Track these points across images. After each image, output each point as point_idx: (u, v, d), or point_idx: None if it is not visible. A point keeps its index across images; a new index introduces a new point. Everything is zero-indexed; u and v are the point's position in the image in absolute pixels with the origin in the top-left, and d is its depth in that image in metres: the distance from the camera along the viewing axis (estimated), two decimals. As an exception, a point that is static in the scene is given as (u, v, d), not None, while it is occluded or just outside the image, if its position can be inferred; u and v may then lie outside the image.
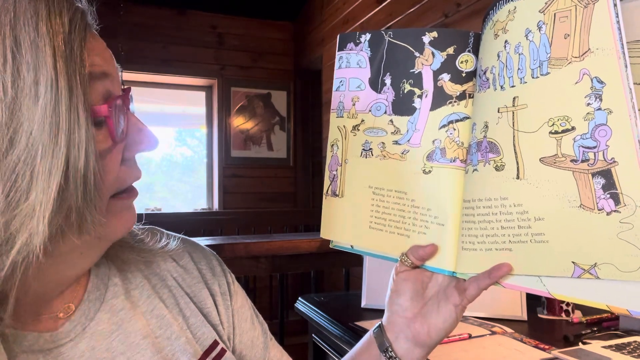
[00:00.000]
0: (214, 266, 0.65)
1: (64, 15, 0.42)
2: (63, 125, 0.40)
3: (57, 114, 0.40)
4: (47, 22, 0.40)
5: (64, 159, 0.40)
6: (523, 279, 0.51)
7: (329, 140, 0.68)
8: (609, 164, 0.43)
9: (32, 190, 0.39)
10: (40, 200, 0.40)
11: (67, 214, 0.42)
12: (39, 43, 0.40)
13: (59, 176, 0.40)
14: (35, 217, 0.40)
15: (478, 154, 0.54)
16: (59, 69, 0.40)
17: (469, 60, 0.59)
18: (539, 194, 0.48)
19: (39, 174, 0.39)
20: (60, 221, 0.41)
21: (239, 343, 0.64)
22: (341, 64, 0.67)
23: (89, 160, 0.42)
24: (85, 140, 0.41)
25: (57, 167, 0.40)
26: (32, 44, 0.39)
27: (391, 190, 0.62)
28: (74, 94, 0.41)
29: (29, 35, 0.39)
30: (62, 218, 0.42)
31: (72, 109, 0.41)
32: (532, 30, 0.49)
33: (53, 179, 0.40)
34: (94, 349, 0.51)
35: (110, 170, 0.46)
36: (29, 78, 0.39)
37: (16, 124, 0.39)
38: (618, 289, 0.44)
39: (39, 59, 0.40)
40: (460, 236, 0.56)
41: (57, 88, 0.40)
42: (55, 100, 0.40)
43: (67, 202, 0.41)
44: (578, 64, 0.45)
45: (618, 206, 0.43)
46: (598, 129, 0.44)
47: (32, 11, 0.40)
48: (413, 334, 0.60)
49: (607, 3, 0.43)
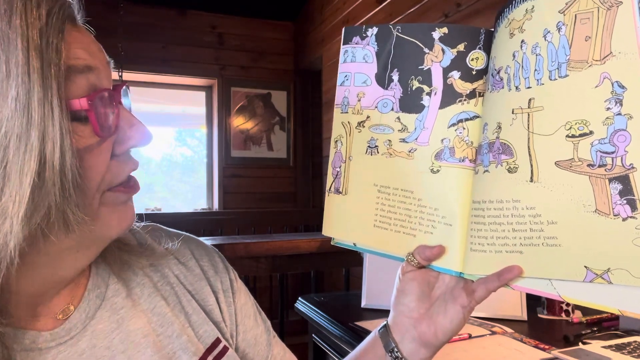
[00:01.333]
0: (216, 263, 0.64)
1: (42, 7, 0.41)
2: (35, 119, 0.39)
3: (28, 109, 0.38)
4: (22, 15, 0.39)
5: (37, 154, 0.39)
6: (533, 281, 0.50)
7: (333, 136, 0.67)
8: (627, 170, 0.43)
9: (5, 188, 0.38)
10: (14, 199, 0.38)
11: (46, 213, 0.40)
12: (10, 36, 0.39)
13: (32, 173, 0.38)
14: (8, 216, 0.38)
15: (490, 154, 0.54)
16: (32, 62, 0.39)
17: (479, 58, 0.57)
18: (553, 198, 0.47)
19: (11, 171, 0.38)
20: (38, 220, 0.40)
21: (242, 340, 0.63)
22: (346, 58, 0.65)
23: (65, 156, 0.40)
24: (59, 135, 0.40)
25: (29, 164, 0.38)
26: (3, 37, 0.38)
27: (397, 189, 0.61)
28: (48, 88, 0.40)
29: (0, 29, 0.39)
30: (41, 217, 0.40)
31: (45, 103, 0.39)
32: (551, 31, 0.48)
33: (26, 176, 0.38)
34: (95, 347, 0.50)
35: (95, 166, 0.45)
36: (0, 72, 0.38)
37: None
38: (631, 294, 0.43)
39: (9, 52, 0.38)
40: (469, 237, 0.56)
41: (29, 82, 0.39)
42: (26, 94, 0.38)
43: (44, 200, 0.40)
44: (599, 67, 0.44)
45: (634, 212, 0.42)
46: (617, 134, 0.43)
47: (6, 5, 0.39)
48: (419, 334, 0.60)
49: (632, 6, 0.42)
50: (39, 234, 0.41)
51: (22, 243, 0.40)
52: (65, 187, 0.41)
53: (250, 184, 4.22)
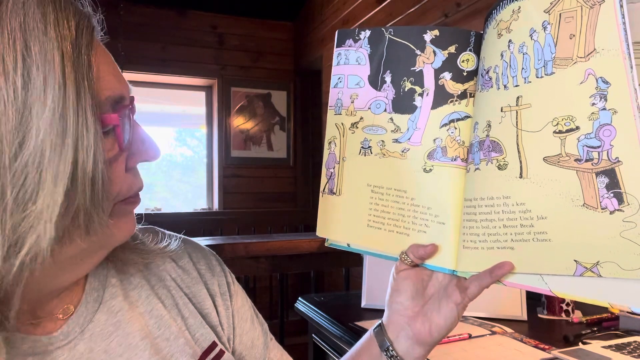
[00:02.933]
0: (213, 266, 0.64)
1: (71, 20, 0.42)
2: (71, 128, 0.40)
3: (64, 118, 0.40)
4: (55, 27, 0.41)
5: (71, 161, 0.41)
6: (525, 277, 0.51)
7: (327, 138, 0.68)
8: (613, 164, 0.43)
9: (40, 192, 0.40)
10: (48, 203, 0.40)
11: (74, 216, 0.42)
12: (47, 47, 0.40)
13: (66, 179, 0.40)
14: (43, 219, 0.40)
15: (480, 152, 0.54)
16: (67, 73, 0.41)
17: (470, 60, 0.59)
18: (542, 193, 0.48)
19: (46, 177, 0.40)
20: (67, 223, 0.42)
21: (239, 344, 0.64)
22: (339, 60, 0.66)
23: (97, 163, 0.42)
24: (93, 143, 0.42)
25: (64, 170, 0.40)
26: (41, 48, 0.40)
27: (390, 189, 0.61)
28: (82, 98, 0.41)
29: (38, 39, 0.40)
30: (70, 220, 0.42)
31: (79, 112, 0.41)
32: (537, 30, 0.49)
33: (60, 181, 0.40)
34: (92, 351, 0.51)
35: (116, 178, 0.47)
36: (39, 82, 0.39)
37: (25, 128, 0.39)
38: (620, 287, 0.44)
39: (47, 63, 0.40)
40: (461, 235, 0.56)
41: (65, 92, 0.40)
42: (63, 103, 0.40)
43: (74, 204, 0.42)
44: (583, 64, 0.45)
45: (621, 205, 0.43)
46: (602, 128, 0.44)
47: (40, 15, 0.40)
48: (414, 333, 0.60)
49: (613, 4, 0.43)
50: (65, 236, 0.43)
51: (53, 244, 0.41)
52: (95, 192, 0.43)
53: (250, 184, 4.22)
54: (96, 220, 0.44)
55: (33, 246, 0.40)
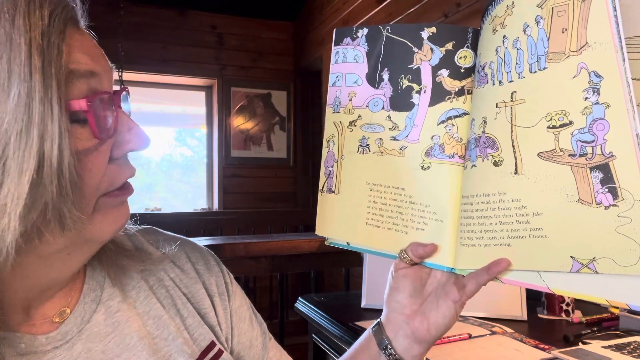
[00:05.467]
0: (211, 266, 0.64)
1: (45, 8, 0.41)
2: (35, 118, 0.39)
3: (29, 107, 0.39)
4: (25, 16, 0.40)
5: (36, 152, 0.39)
6: (522, 274, 0.51)
7: (325, 136, 0.68)
8: (607, 158, 0.43)
9: (4, 184, 0.39)
10: (12, 195, 0.39)
11: (42, 210, 0.41)
12: (13, 36, 0.39)
13: (31, 170, 0.39)
14: (6, 212, 0.39)
15: (477, 149, 0.54)
16: (34, 62, 0.40)
17: (467, 56, 0.59)
18: (537, 189, 0.48)
19: (10, 168, 0.39)
20: (34, 217, 0.40)
21: (237, 344, 0.64)
22: (337, 59, 0.67)
23: (64, 154, 0.41)
24: (58, 134, 0.40)
25: (29, 161, 0.39)
26: (6, 36, 0.39)
27: (389, 187, 0.61)
28: (49, 87, 0.40)
29: (4, 28, 0.39)
30: (37, 214, 0.41)
31: (45, 102, 0.40)
32: (530, 25, 0.49)
33: (25, 173, 0.39)
34: (90, 351, 0.50)
35: (93, 169, 0.45)
36: (2, 71, 0.39)
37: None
38: (617, 283, 0.44)
39: (12, 52, 0.39)
40: (459, 232, 0.56)
41: (31, 80, 0.39)
42: (27, 93, 0.39)
43: (42, 197, 0.40)
44: (576, 58, 0.45)
45: (616, 200, 0.43)
46: (596, 123, 0.44)
47: (10, 5, 0.40)
48: (412, 331, 0.60)
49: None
50: (34, 231, 0.42)
51: (19, 239, 0.40)
52: (63, 186, 0.41)
53: (250, 184, 4.22)
54: (67, 215, 0.42)
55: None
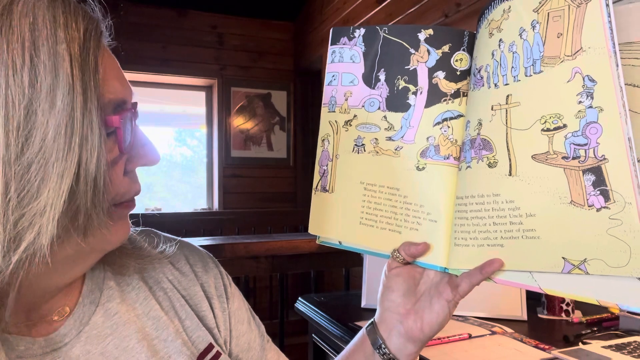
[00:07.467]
0: (210, 268, 0.64)
1: (80, 23, 0.43)
2: (77, 129, 0.41)
3: (72, 119, 0.41)
4: (65, 29, 0.42)
5: (76, 162, 0.41)
6: (514, 274, 0.51)
7: (320, 135, 0.68)
8: (599, 161, 0.44)
9: (44, 190, 0.40)
10: (52, 201, 0.40)
11: (74, 216, 0.43)
12: (57, 48, 0.41)
13: (70, 178, 0.41)
14: (45, 216, 0.40)
15: (472, 150, 0.55)
16: (75, 74, 0.41)
17: (463, 59, 0.59)
18: (531, 191, 0.48)
19: (51, 175, 0.40)
20: (66, 222, 0.42)
21: (235, 346, 0.64)
22: (334, 58, 0.67)
23: (100, 164, 0.43)
24: (97, 145, 0.43)
25: (69, 170, 0.41)
26: (50, 48, 0.41)
27: (383, 187, 0.62)
28: (88, 99, 0.42)
29: (47, 40, 0.41)
30: (69, 219, 0.42)
31: (86, 114, 0.42)
32: (526, 29, 0.50)
33: (65, 180, 0.41)
34: (89, 353, 0.51)
35: (114, 180, 0.47)
36: (46, 82, 0.40)
37: (31, 126, 0.40)
38: (607, 284, 0.44)
39: (57, 64, 0.41)
40: (453, 232, 0.57)
41: (74, 93, 0.41)
42: (71, 105, 0.41)
43: (75, 203, 0.42)
44: (570, 62, 0.46)
45: (608, 202, 0.43)
46: (589, 126, 0.44)
47: (50, 17, 0.41)
48: (406, 330, 0.61)
49: (599, 3, 0.44)
50: (63, 235, 0.43)
51: (53, 242, 0.42)
52: (96, 193, 0.43)
53: (250, 184, 4.22)
54: (95, 221, 0.44)
55: (32, 243, 0.40)
